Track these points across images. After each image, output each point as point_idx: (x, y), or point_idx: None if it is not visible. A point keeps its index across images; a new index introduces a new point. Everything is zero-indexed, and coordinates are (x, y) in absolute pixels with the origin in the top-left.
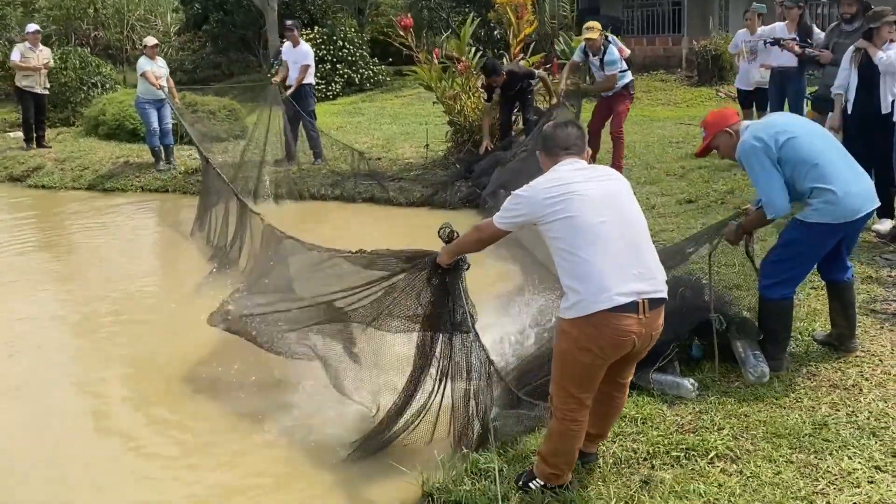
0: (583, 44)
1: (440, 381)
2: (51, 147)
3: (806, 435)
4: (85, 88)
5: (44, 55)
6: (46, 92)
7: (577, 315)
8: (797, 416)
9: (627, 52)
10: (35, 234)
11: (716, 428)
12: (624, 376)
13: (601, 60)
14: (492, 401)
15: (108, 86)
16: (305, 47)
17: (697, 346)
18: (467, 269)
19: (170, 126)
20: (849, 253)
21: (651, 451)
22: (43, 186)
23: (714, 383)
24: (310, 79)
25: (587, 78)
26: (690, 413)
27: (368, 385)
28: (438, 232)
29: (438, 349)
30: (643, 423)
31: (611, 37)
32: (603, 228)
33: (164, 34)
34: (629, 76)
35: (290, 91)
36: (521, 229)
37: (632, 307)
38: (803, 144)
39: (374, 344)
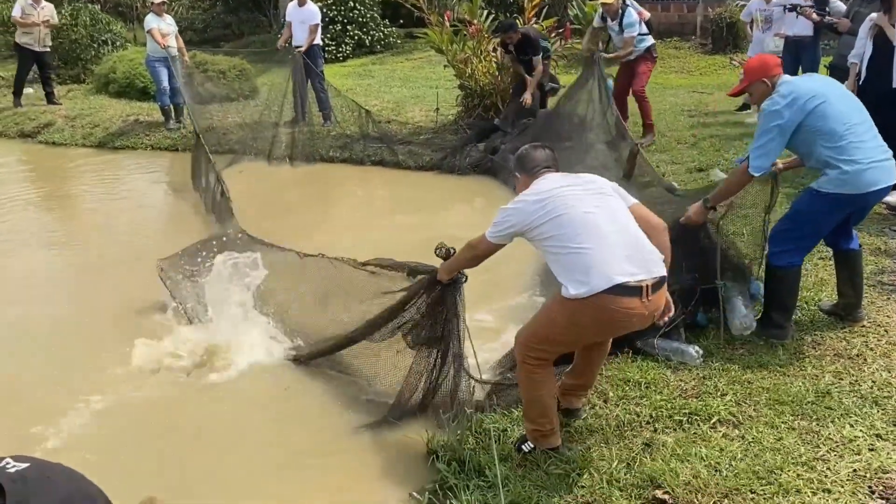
0: (601, 8)
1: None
2: (61, 104)
3: (808, 402)
4: (95, 46)
5: (45, 12)
6: (47, 49)
7: (582, 296)
8: (800, 383)
9: (647, 14)
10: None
11: (719, 394)
12: (610, 339)
13: (619, 24)
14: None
15: (118, 43)
16: (313, 7)
17: (702, 314)
18: (465, 281)
19: (179, 85)
20: (855, 225)
21: (654, 415)
22: (54, 143)
23: (718, 350)
24: (318, 39)
25: (605, 43)
26: (694, 379)
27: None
28: (435, 251)
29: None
30: (647, 387)
31: (629, 0)
32: (592, 218)
33: None
34: (650, 39)
35: (299, 50)
36: (510, 240)
37: (635, 291)
38: (832, 112)
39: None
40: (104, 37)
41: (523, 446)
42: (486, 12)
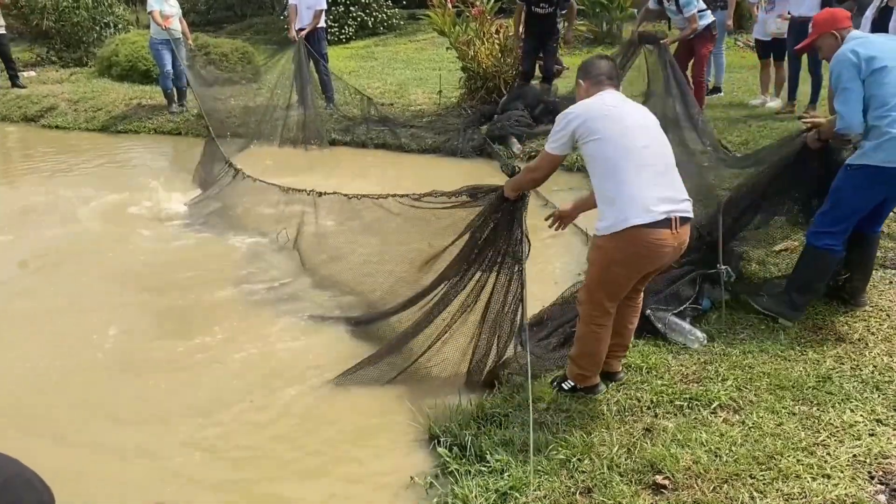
0: None
1: (471, 303)
2: (25, 87)
3: (809, 387)
4: (97, 28)
5: None
6: (2, 31)
7: (615, 230)
8: (801, 368)
9: None
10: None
11: (720, 379)
12: (644, 284)
13: (677, 3)
14: (511, 335)
15: (120, 26)
16: None
17: (707, 299)
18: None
19: (183, 68)
20: (890, 211)
21: (655, 400)
22: (56, 127)
23: (720, 335)
24: (322, 22)
25: (663, 24)
26: (695, 364)
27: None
28: (501, 167)
29: (479, 274)
30: (648, 372)
31: None
32: (645, 153)
33: None
34: (709, 16)
35: (303, 33)
36: (569, 150)
37: (666, 223)
38: (890, 78)
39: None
40: (106, 19)
41: (564, 384)
42: None
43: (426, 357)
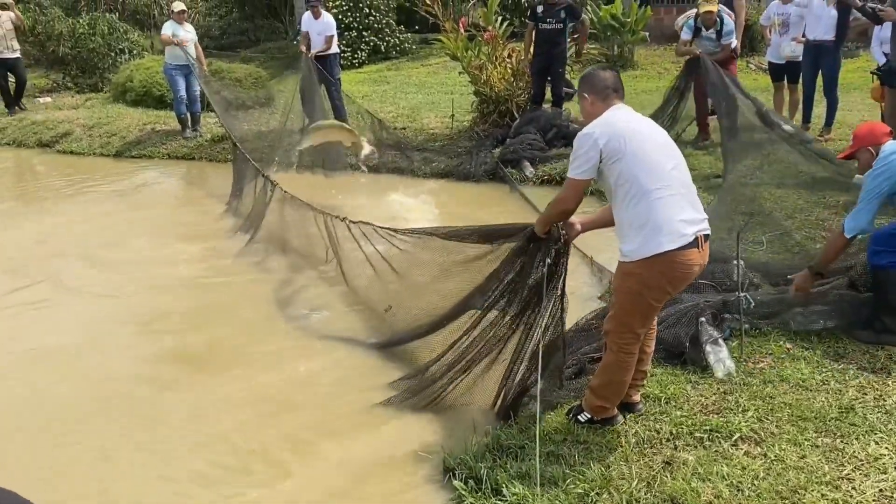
0: (689, 20)
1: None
2: (26, 108)
3: (832, 418)
4: (113, 55)
5: (3, 17)
6: (17, 56)
7: (646, 255)
8: (823, 398)
9: (733, 14)
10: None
11: (740, 409)
12: (662, 306)
13: (718, 32)
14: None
15: (135, 52)
16: (328, 18)
17: (728, 327)
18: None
19: (197, 93)
20: None
21: (674, 432)
22: (71, 152)
23: (740, 363)
24: (335, 48)
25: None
26: (715, 394)
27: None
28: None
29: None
30: (667, 402)
31: (720, 6)
32: (674, 174)
33: None
34: (735, 40)
35: (313, 53)
36: (594, 174)
37: (694, 243)
38: None
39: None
40: (121, 45)
41: (580, 416)
42: (500, 18)
43: (449, 386)
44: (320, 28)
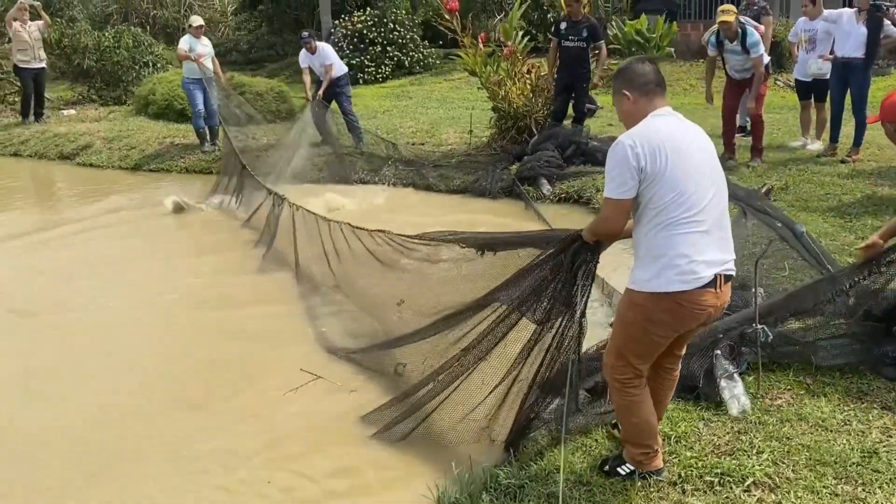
0: (712, 34)
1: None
2: (49, 120)
3: (853, 464)
4: (137, 68)
5: (32, 27)
6: (43, 66)
7: (656, 290)
8: (844, 441)
9: (763, 28)
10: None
11: (754, 451)
12: (681, 348)
13: (742, 44)
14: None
15: (159, 65)
16: (323, 48)
17: (745, 360)
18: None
19: (215, 107)
20: None
21: (683, 475)
22: (91, 165)
23: (756, 400)
24: (340, 70)
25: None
26: (728, 433)
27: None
28: None
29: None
30: (676, 441)
31: (742, 17)
32: (707, 208)
33: (221, 14)
34: (766, 56)
35: (322, 88)
36: (635, 192)
37: (710, 283)
38: None
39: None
40: (146, 59)
41: (620, 469)
42: (521, 33)
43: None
44: (319, 60)
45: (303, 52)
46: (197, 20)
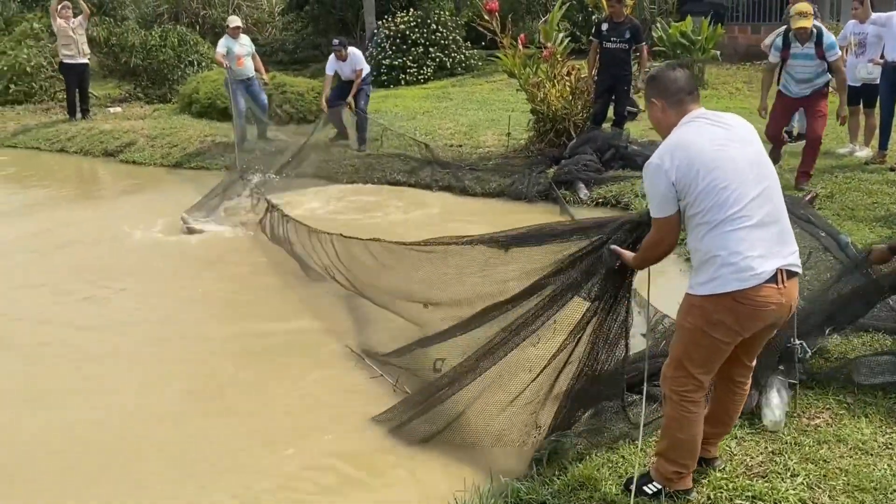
0: (778, 36)
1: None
2: (96, 117)
3: (894, 491)
4: (182, 66)
5: (75, 23)
6: (87, 61)
7: (714, 292)
8: (885, 466)
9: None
10: None
11: (789, 474)
12: (751, 356)
13: (818, 45)
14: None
15: (203, 64)
16: (355, 54)
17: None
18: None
19: (265, 100)
20: None
21: (712, 497)
22: (133, 162)
23: (791, 419)
24: (366, 70)
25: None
26: (762, 453)
27: None
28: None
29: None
30: (706, 461)
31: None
32: (753, 205)
33: (269, 14)
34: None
35: (352, 93)
36: (678, 207)
37: (771, 279)
38: None
39: None
40: (191, 57)
41: (646, 488)
42: (562, 34)
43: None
44: (350, 66)
45: (331, 57)
46: (234, 21)
